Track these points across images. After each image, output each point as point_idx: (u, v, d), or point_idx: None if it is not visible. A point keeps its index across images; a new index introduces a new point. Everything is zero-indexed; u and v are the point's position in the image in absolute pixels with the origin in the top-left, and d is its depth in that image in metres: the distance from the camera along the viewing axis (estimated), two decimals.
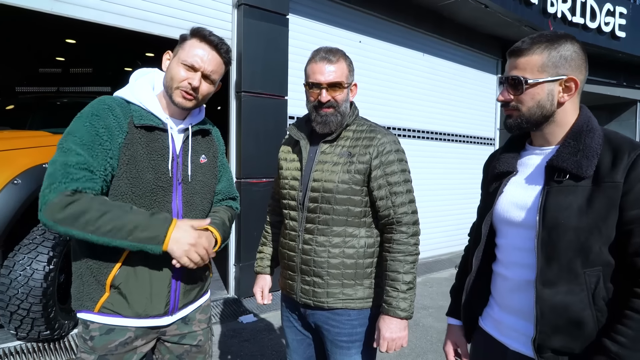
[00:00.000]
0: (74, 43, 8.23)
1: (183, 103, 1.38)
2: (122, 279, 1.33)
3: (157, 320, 1.40)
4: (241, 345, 3.45)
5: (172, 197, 1.39)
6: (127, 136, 1.32)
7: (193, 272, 1.44)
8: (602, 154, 1.09)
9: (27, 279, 2.80)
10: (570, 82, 1.14)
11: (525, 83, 1.15)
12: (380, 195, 1.57)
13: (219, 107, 6.95)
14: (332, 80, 1.56)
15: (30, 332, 2.94)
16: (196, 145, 1.49)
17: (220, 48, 1.39)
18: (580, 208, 1.08)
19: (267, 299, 1.87)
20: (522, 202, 1.20)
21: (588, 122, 1.16)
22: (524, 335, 1.20)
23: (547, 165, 1.15)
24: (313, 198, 1.59)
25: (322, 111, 1.58)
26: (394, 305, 1.52)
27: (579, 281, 1.08)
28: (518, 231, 1.21)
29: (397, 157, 1.60)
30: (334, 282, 1.59)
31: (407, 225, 1.57)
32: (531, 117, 1.18)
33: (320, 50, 1.61)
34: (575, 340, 1.09)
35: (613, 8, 8.22)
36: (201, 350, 1.54)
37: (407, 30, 6.14)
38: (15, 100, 4.99)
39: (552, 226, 1.10)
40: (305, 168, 1.64)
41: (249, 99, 4.42)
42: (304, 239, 1.62)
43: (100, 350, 1.34)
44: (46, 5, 3.34)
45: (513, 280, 1.23)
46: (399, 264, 1.54)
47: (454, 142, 7.12)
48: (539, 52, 1.14)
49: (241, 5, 4.34)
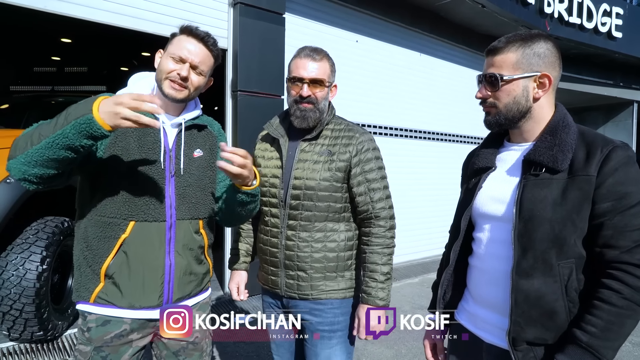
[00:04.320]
0: (69, 42, 8.19)
1: (173, 94, 1.42)
2: (116, 269, 1.36)
3: (152, 312, 1.41)
4: (236, 346, 3.44)
5: (165, 189, 1.42)
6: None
7: (189, 265, 1.46)
8: (577, 148, 1.14)
9: (20, 279, 2.77)
10: (544, 78, 1.18)
11: (500, 80, 1.20)
12: (359, 192, 1.65)
13: (215, 107, 6.94)
14: (314, 77, 1.63)
15: (23, 332, 2.91)
16: (190, 139, 1.51)
17: (207, 41, 1.45)
18: (555, 200, 1.12)
19: (244, 294, 1.88)
20: (500, 195, 1.24)
21: (564, 118, 1.20)
22: (498, 328, 1.22)
23: (524, 160, 1.20)
24: (295, 195, 1.65)
25: (302, 106, 1.64)
26: (372, 294, 1.60)
27: (553, 272, 1.12)
28: (496, 224, 1.26)
29: (374, 155, 1.68)
30: (317, 275, 1.65)
31: (385, 220, 1.64)
32: (508, 113, 1.22)
33: (305, 48, 1.68)
34: (548, 330, 1.13)
35: (610, 8, 8.26)
36: (197, 348, 1.55)
37: (403, 29, 6.14)
38: (10, 100, 4.96)
39: (528, 218, 1.14)
40: (285, 166, 1.69)
41: (245, 98, 4.41)
42: (286, 235, 1.67)
43: (96, 342, 1.38)
44: (39, 3, 3.31)
45: (489, 272, 1.27)
46: (378, 256, 1.62)
47: (450, 142, 7.12)
48: (513, 50, 1.20)
49: (237, 4, 4.32)
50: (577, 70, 8.81)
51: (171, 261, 1.42)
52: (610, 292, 1.06)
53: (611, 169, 1.08)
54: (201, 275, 1.54)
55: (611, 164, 1.08)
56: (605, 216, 1.08)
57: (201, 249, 1.52)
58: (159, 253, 1.39)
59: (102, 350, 1.37)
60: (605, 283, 1.07)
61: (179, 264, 1.43)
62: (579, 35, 7.84)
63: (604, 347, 1.05)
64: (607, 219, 1.08)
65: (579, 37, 7.85)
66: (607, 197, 1.08)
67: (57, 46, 8.33)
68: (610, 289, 1.06)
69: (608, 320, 1.04)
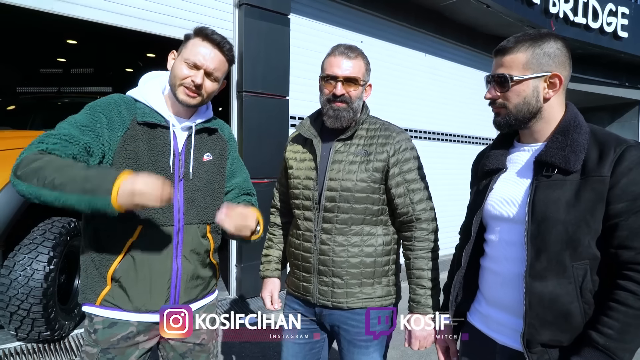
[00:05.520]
0: (75, 44, 8.24)
1: (187, 100, 1.40)
2: (123, 273, 1.35)
3: (158, 315, 1.40)
4: (242, 346, 3.45)
5: (173, 193, 1.38)
6: (127, 132, 1.35)
7: (195, 269, 1.45)
8: (589, 148, 1.12)
9: (28, 279, 2.78)
10: (554, 78, 1.17)
11: (510, 80, 1.18)
12: (398, 193, 1.57)
13: (220, 108, 6.97)
14: (349, 75, 1.56)
15: (31, 332, 2.91)
16: (200, 143, 1.50)
17: (223, 46, 1.42)
18: (568, 202, 1.10)
19: (277, 303, 1.81)
20: (512, 197, 1.22)
21: (575, 118, 1.18)
22: (512, 329, 1.21)
23: (536, 161, 1.18)
24: (330, 197, 1.57)
25: (335, 105, 1.57)
26: (422, 303, 1.52)
27: (567, 274, 1.10)
28: (508, 226, 1.23)
29: (412, 154, 1.61)
30: (353, 281, 1.57)
31: (427, 222, 1.57)
32: (518, 114, 1.21)
33: (340, 45, 1.62)
34: (564, 332, 1.11)
35: (615, 8, 8.20)
36: (204, 349, 1.54)
37: (408, 30, 6.13)
38: (17, 101, 4.99)
39: (541, 220, 1.12)
40: (319, 167, 1.61)
41: (251, 99, 4.41)
42: (321, 239, 1.59)
43: (102, 344, 1.37)
44: (46, 4, 3.33)
45: (502, 274, 1.25)
46: (423, 260, 1.55)
47: (455, 143, 7.10)
48: (523, 50, 1.18)
49: (242, 4, 4.32)
50: (582, 70, 8.75)
51: (178, 265, 1.41)
52: (627, 293, 1.04)
53: (625, 169, 1.06)
54: (207, 278, 1.54)
55: (625, 164, 1.06)
56: (620, 217, 1.06)
57: (207, 252, 1.50)
58: (166, 257, 1.38)
59: (108, 352, 1.37)
60: (621, 284, 1.06)
61: (185, 269, 1.42)
62: (585, 35, 7.79)
63: (621, 350, 1.03)
64: (621, 219, 1.06)
65: (584, 37, 7.81)
66: (621, 198, 1.06)
67: (63, 47, 8.38)
68: (626, 291, 1.04)
69: (625, 322, 1.03)
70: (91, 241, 1.38)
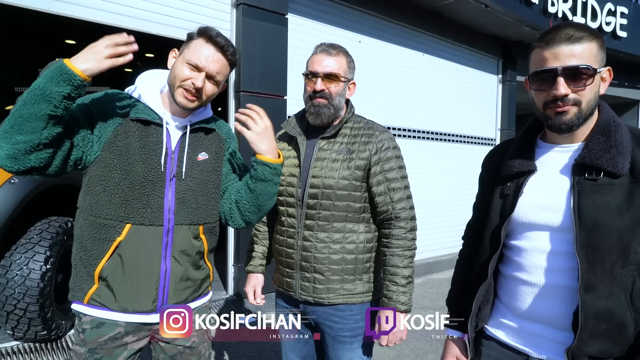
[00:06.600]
0: (74, 43, 8.24)
1: (185, 103, 1.37)
2: (110, 272, 1.34)
3: (145, 316, 1.38)
4: (239, 346, 3.44)
5: (164, 192, 1.37)
6: (119, 126, 1.34)
7: (186, 271, 1.43)
8: (634, 150, 1.05)
9: (24, 279, 2.78)
10: (607, 72, 1.10)
11: (595, 72, 1.04)
12: (379, 191, 1.59)
13: (219, 108, 6.95)
14: (328, 71, 1.59)
15: (27, 332, 2.92)
16: (195, 142, 1.46)
17: (227, 50, 1.38)
18: (619, 207, 1.02)
19: (260, 298, 1.83)
20: (550, 203, 1.12)
21: (613, 117, 1.10)
22: (552, 341, 1.12)
23: (577, 163, 1.08)
24: (313, 194, 1.60)
25: (316, 101, 1.60)
26: (394, 299, 1.55)
27: (616, 282, 1.03)
28: (546, 234, 1.13)
29: (394, 154, 1.63)
30: (334, 277, 1.59)
31: (406, 221, 1.59)
32: (587, 112, 1.08)
33: (322, 44, 1.66)
34: (616, 344, 1.04)
35: (614, 8, 8.20)
36: (194, 353, 1.51)
37: (407, 30, 6.13)
38: (15, 101, 4.98)
39: (591, 227, 1.03)
40: (303, 164, 1.64)
41: (248, 99, 4.41)
42: (303, 235, 1.62)
43: (90, 344, 1.36)
44: (44, 4, 3.33)
45: (539, 285, 1.14)
46: (398, 258, 1.56)
47: (454, 143, 7.11)
48: (592, 40, 1.06)
49: (240, 4, 4.33)
50: None
51: (167, 267, 1.37)
52: None
53: None
54: (199, 281, 1.49)
55: None
56: None
57: (200, 254, 1.47)
58: (154, 258, 1.35)
59: (96, 352, 1.35)
60: None
61: (175, 270, 1.39)
62: None
63: None
64: None
65: None
66: None
67: (61, 47, 8.38)
68: None
69: None
70: (79, 239, 1.36)
